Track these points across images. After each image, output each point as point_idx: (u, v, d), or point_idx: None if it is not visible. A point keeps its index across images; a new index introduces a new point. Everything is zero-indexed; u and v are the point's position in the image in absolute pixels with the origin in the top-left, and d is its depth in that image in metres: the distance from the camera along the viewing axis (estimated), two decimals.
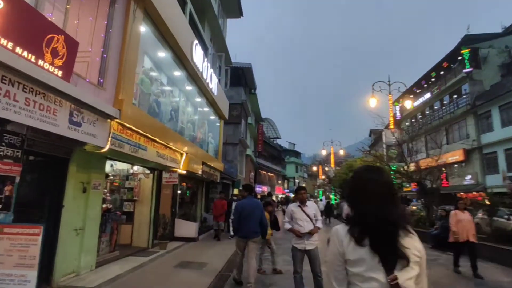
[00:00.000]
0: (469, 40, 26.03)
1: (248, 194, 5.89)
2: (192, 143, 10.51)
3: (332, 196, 33.26)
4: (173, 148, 8.25)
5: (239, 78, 24.61)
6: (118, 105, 5.37)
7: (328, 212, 21.85)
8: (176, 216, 10.50)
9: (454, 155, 24.62)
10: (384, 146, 15.22)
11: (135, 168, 8.52)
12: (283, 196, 45.21)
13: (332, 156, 31.48)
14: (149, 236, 8.52)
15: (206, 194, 14.61)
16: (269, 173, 42.31)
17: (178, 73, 9.67)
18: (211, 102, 12.93)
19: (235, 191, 19.97)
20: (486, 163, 22.78)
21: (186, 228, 10.27)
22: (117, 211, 7.38)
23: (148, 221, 8.55)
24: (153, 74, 8.61)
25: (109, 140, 5.15)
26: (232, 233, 10.23)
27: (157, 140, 7.13)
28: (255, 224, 5.30)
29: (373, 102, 15.39)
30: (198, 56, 9.72)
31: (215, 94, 12.39)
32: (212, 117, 14.43)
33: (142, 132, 6.35)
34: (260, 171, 36.40)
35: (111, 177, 8.06)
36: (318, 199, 42.97)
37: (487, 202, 11.14)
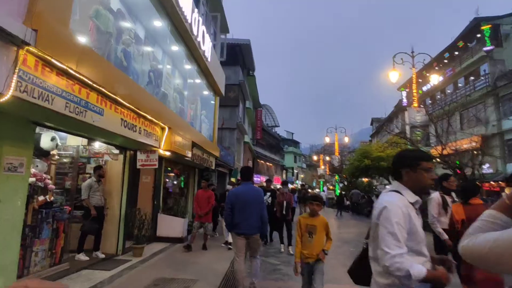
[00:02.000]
0: (478, 24, 23.71)
1: (246, 180, 4.65)
2: (179, 118, 8.23)
3: (336, 187, 31.20)
4: (149, 118, 5.97)
5: (236, 56, 22.20)
6: (33, 23, 3.06)
7: (340, 203, 19.75)
8: (160, 211, 8.30)
9: (471, 142, 22.60)
10: (408, 127, 12.92)
11: (96, 145, 6.23)
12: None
13: (336, 144, 29.32)
14: (119, 239, 6.30)
15: (199, 184, 12.39)
16: (267, 163, 40.15)
17: (158, 23, 7.32)
18: (205, 72, 10.60)
19: (233, 180, 17.76)
20: (508, 150, 20.79)
21: (172, 225, 8.07)
22: (65, 205, 5.11)
23: (117, 219, 6.31)
24: (126, 24, 6.29)
25: (13, 80, 2.86)
26: (227, 238, 7.68)
27: (122, 101, 4.84)
28: (256, 218, 4.31)
29: (394, 75, 13.16)
30: (185, 0, 7.37)
31: (209, 60, 10.05)
32: (206, 93, 12.12)
33: (93, 84, 4.05)
34: (258, 160, 34.25)
35: (57, 157, 5.74)
36: (319, 190, 41.09)
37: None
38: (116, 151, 6.35)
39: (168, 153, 7.41)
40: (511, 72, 20.74)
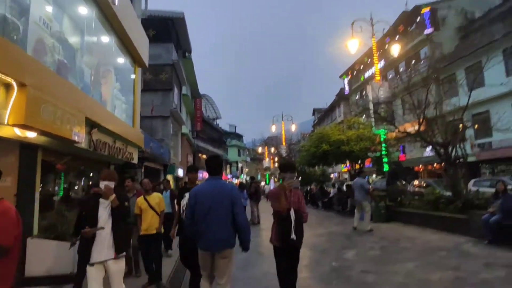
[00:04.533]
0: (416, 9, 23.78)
1: (212, 174, 3.26)
2: (57, 76, 5.03)
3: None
4: None
5: (169, 31, 18.80)
6: None
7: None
8: (33, 234, 5.05)
9: (414, 125, 22.61)
10: (371, 104, 11.30)
11: None
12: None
13: (283, 133, 27.59)
14: None
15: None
16: None
17: None
18: (113, 24, 7.40)
19: (169, 178, 14.46)
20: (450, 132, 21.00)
21: (54, 255, 4.91)
22: None
23: None
24: None
25: None
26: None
27: None
28: (225, 226, 3.05)
29: (353, 44, 11.41)
30: None
31: (116, 3, 6.89)
32: (121, 60, 8.82)
33: None
34: (200, 154, 31.12)
35: None
36: (264, 183, 39.43)
37: None
38: None
39: (31, 134, 4.24)
40: (453, 54, 20.95)
